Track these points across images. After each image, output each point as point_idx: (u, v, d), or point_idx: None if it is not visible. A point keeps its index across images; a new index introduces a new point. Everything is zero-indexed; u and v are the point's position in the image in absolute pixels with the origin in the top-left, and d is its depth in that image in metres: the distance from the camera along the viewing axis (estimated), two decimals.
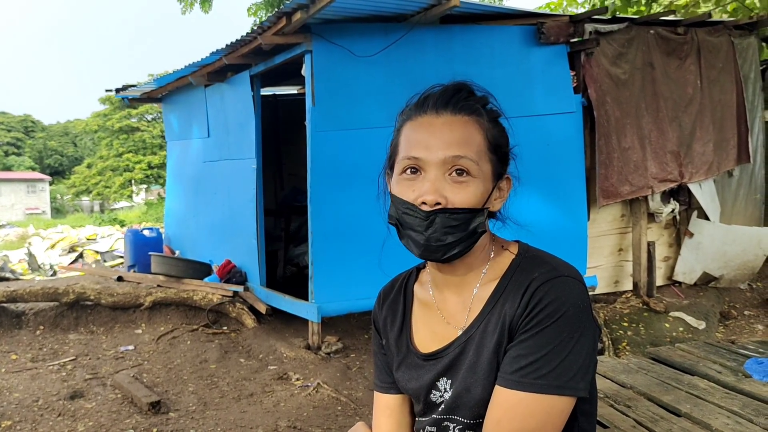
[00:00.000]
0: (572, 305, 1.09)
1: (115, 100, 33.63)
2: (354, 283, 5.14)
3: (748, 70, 7.17)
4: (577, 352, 1.08)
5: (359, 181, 4.91)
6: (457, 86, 1.20)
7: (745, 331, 5.90)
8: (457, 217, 1.11)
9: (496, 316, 1.16)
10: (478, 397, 1.15)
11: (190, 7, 10.67)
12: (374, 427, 1.36)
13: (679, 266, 6.80)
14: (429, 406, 1.25)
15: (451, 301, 1.25)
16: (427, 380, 1.24)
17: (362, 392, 4.54)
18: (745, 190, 7.31)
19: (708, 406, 2.43)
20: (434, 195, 1.10)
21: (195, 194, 7.75)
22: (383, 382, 1.37)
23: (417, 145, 1.14)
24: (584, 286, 1.15)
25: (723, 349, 3.14)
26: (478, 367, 1.16)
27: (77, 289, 6.03)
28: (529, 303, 1.11)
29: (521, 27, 5.60)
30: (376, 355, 1.41)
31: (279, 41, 5.06)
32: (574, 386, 1.08)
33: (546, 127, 5.64)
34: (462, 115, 1.16)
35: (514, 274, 1.18)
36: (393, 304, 1.36)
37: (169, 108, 8.65)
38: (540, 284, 1.12)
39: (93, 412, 4.20)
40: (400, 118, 1.24)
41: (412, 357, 1.29)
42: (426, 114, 1.17)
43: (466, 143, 1.13)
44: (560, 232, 5.62)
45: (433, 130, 1.14)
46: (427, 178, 1.12)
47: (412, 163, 1.14)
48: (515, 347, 1.11)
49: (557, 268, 1.15)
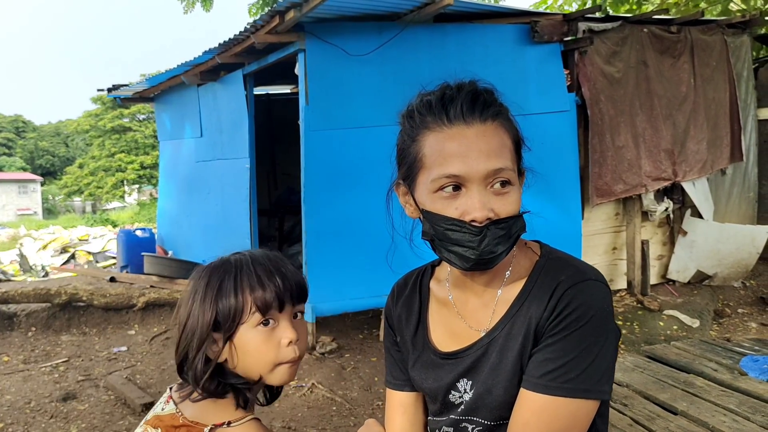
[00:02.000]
0: (599, 309, 1.09)
1: (106, 100, 33.47)
2: (348, 283, 5.12)
3: (741, 68, 7.19)
4: (603, 356, 1.08)
5: (353, 180, 4.90)
6: (474, 88, 1.15)
7: (739, 329, 5.91)
8: (504, 226, 1.10)
9: (521, 319, 1.15)
10: (500, 399, 1.15)
11: (192, 6, 10.60)
12: (387, 425, 1.35)
13: (673, 264, 6.81)
14: (447, 406, 1.24)
15: (473, 302, 1.24)
16: (446, 380, 1.23)
17: (357, 392, 4.52)
18: (738, 189, 7.34)
19: (704, 404, 2.43)
20: (484, 211, 1.08)
21: (188, 194, 7.72)
22: (396, 379, 1.36)
23: (453, 160, 1.09)
24: (609, 289, 1.15)
25: (718, 347, 3.14)
26: (501, 369, 1.15)
27: (69, 290, 5.99)
28: (557, 307, 1.10)
29: (515, 26, 5.59)
30: (388, 351, 1.39)
31: (272, 40, 5.03)
32: (600, 389, 1.08)
33: (540, 125, 5.63)
34: (490, 122, 1.12)
35: (540, 277, 1.17)
36: (408, 300, 1.34)
37: (161, 107, 8.61)
38: (567, 288, 1.11)
39: (86, 413, 4.17)
40: (409, 122, 1.17)
41: (428, 355, 1.28)
42: (453, 124, 1.11)
43: (501, 152, 1.11)
44: (555, 231, 5.62)
45: (467, 142, 1.09)
46: (470, 194, 1.09)
47: (452, 181, 1.09)
48: (542, 351, 1.10)
49: (584, 272, 1.14)
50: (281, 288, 1.18)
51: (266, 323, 1.17)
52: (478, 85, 1.16)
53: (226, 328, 1.17)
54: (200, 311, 1.18)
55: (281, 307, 1.18)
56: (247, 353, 1.17)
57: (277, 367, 1.18)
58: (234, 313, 1.16)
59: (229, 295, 1.17)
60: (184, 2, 10.51)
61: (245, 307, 1.16)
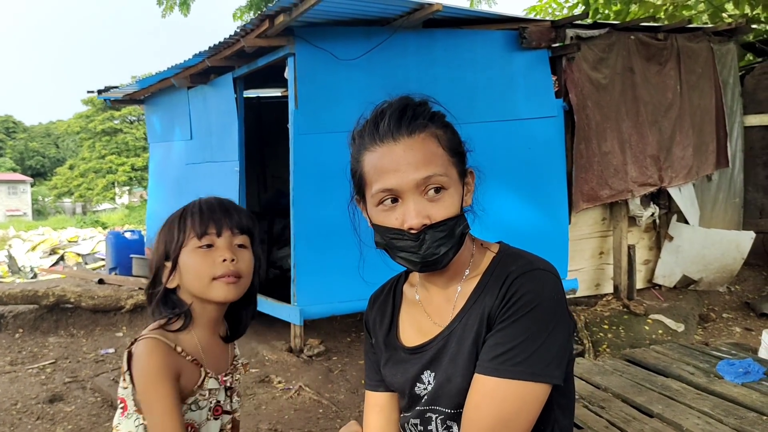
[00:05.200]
0: (547, 297, 1.15)
1: (97, 102, 33.35)
2: (336, 286, 5.15)
3: (727, 75, 7.27)
4: (552, 341, 1.13)
5: (342, 183, 4.85)
6: (401, 105, 1.22)
7: (723, 334, 5.97)
8: (443, 228, 1.16)
9: (477, 310, 1.21)
10: (459, 387, 1.20)
11: (170, 9, 10.69)
12: (365, 424, 1.41)
13: (659, 269, 6.87)
14: (413, 400, 1.30)
15: (437, 299, 1.30)
16: (412, 373, 1.29)
17: (344, 395, 4.55)
18: (724, 194, 7.41)
19: (679, 407, 2.47)
20: (419, 218, 1.15)
21: (177, 196, 7.71)
22: (372, 380, 1.42)
23: (386, 175, 1.17)
24: (559, 279, 1.21)
25: (696, 351, 3.19)
26: (459, 357, 1.21)
27: (57, 291, 5.98)
28: (506, 294, 1.16)
29: (503, 32, 5.64)
30: (366, 354, 1.46)
31: (262, 44, 5.06)
32: (549, 374, 1.12)
33: (528, 131, 5.68)
34: (417, 133, 1.19)
35: (495, 270, 1.23)
36: (383, 305, 1.42)
37: (151, 110, 8.61)
38: (516, 277, 1.17)
39: (72, 415, 4.18)
40: (354, 144, 1.27)
41: (398, 353, 1.34)
42: (383, 142, 1.19)
43: (430, 161, 1.17)
44: (541, 235, 5.67)
45: (395, 157, 1.17)
46: (406, 204, 1.17)
47: (387, 195, 1.18)
48: (493, 336, 1.16)
49: (533, 263, 1.21)
50: (220, 217, 1.40)
51: (206, 247, 1.38)
52: (409, 99, 1.24)
53: (173, 254, 1.40)
54: (155, 248, 1.44)
55: (219, 232, 1.39)
56: (188, 271, 1.38)
57: (214, 282, 1.37)
58: (176, 240, 1.40)
59: (173, 228, 1.41)
60: (162, 6, 10.59)
61: (186, 233, 1.39)
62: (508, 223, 5.28)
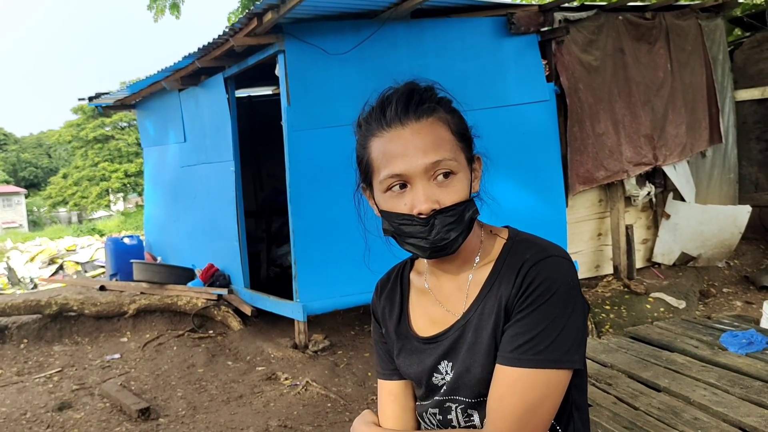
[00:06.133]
0: (563, 283, 1.16)
1: (88, 110, 33.25)
2: (338, 280, 5.16)
3: (717, 51, 7.29)
4: (571, 327, 1.14)
5: (338, 178, 4.91)
6: (408, 89, 1.22)
7: (724, 308, 6.01)
8: (452, 213, 1.17)
9: (492, 299, 1.21)
10: (478, 377, 1.21)
11: (161, 13, 10.64)
12: (380, 413, 1.41)
13: (658, 248, 6.91)
14: (431, 389, 1.30)
15: (448, 288, 1.30)
16: (428, 364, 1.29)
17: (351, 388, 4.57)
18: (718, 170, 7.44)
19: (686, 380, 2.49)
20: (428, 203, 1.15)
21: (174, 199, 7.72)
22: (385, 369, 1.42)
23: (394, 161, 1.17)
24: (572, 264, 1.21)
25: (699, 325, 3.21)
26: (477, 347, 1.21)
27: (59, 300, 5.98)
28: (523, 283, 1.16)
29: (492, 18, 5.64)
30: (377, 344, 1.45)
31: (251, 42, 5.05)
32: (570, 359, 1.14)
33: (521, 116, 5.69)
34: (425, 118, 1.19)
35: (507, 258, 1.23)
36: (390, 293, 1.41)
37: (143, 114, 8.59)
38: (532, 265, 1.17)
39: (82, 422, 4.19)
40: (360, 131, 1.27)
41: (412, 342, 1.34)
42: (391, 127, 1.19)
43: (439, 145, 1.18)
44: (539, 219, 5.68)
45: (404, 142, 1.17)
46: (415, 189, 1.17)
47: (396, 180, 1.18)
48: (512, 326, 1.16)
49: (547, 249, 1.21)
50: None
51: None
52: (415, 84, 1.24)
53: None
54: None
55: None
56: None
57: None
58: None
59: None
60: (153, 10, 10.55)
61: None
62: (506, 209, 5.24)
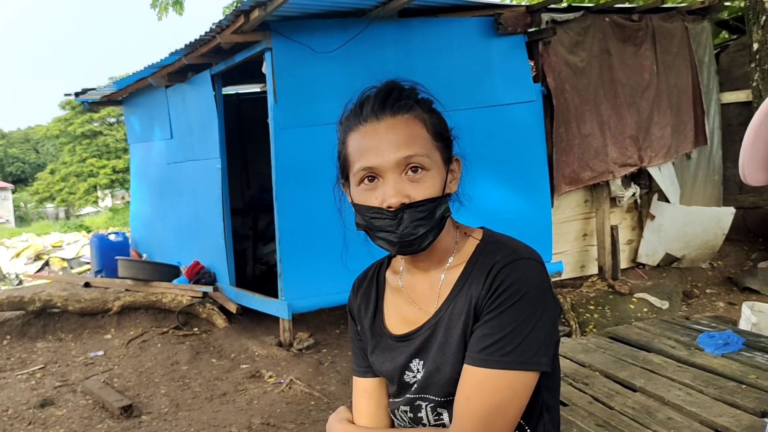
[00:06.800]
0: (533, 285, 1.16)
1: (76, 105, 32.96)
2: (323, 279, 5.16)
3: (703, 54, 7.33)
4: (539, 330, 1.14)
5: (324, 176, 4.85)
6: (387, 87, 1.24)
7: (707, 309, 6.06)
8: (422, 209, 1.17)
9: (463, 299, 1.22)
10: (448, 376, 1.21)
11: (165, 10, 10.48)
12: (354, 410, 1.42)
13: (642, 248, 6.95)
14: (403, 387, 1.31)
15: (421, 287, 1.31)
16: (400, 361, 1.30)
17: (335, 386, 4.58)
18: (703, 172, 7.49)
19: (661, 380, 2.52)
20: (397, 197, 1.16)
21: (160, 196, 7.69)
22: (360, 366, 1.43)
23: (367, 154, 1.19)
24: (544, 267, 1.22)
25: (678, 326, 3.25)
26: (447, 347, 1.22)
27: (43, 296, 5.95)
28: (492, 284, 1.17)
29: (479, 18, 5.66)
30: (353, 341, 1.47)
31: (238, 40, 5.04)
32: (537, 361, 1.14)
33: (507, 116, 5.72)
34: (401, 114, 1.21)
35: (479, 258, 1.24)
36: (367, 291, 1.42)
37: (130, 110, 8.55)
38: (502, 266, 1.18)
39: (64, 419, 4.17)
40: (340, 128, 1.28)
41: (385, 340, 1.35)
42: (367, 122, 1.21)
43: (413, 141, 1.19)
44: (525, 220, 5.72)
45: (378, 136, 1.19)
46: (386, 183, 1.18)
47: (368, 173, 1.20)
48: (481, 327, 1.17)
49: (518, 251, 1.21)
50: None
51: None
52: (396, 83, 1.26)
53: None
54: None
55: None
56: None
57: None
58: None
59: None
60: (157, 8, 10.41)
61: None
62: (491, 209, 5.31)
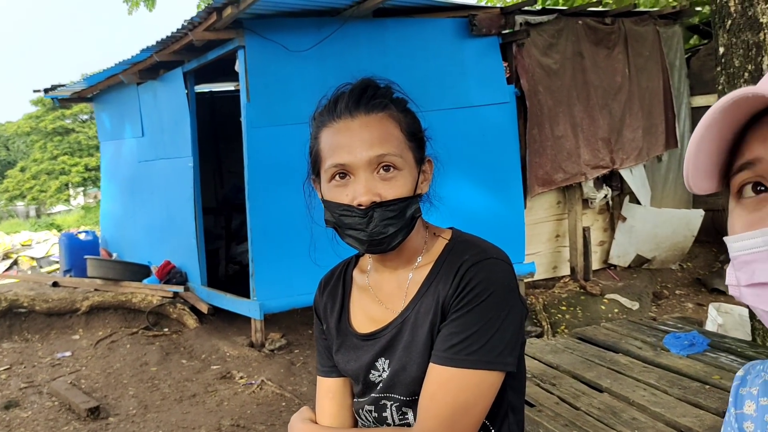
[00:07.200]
0: (500, 286, 1.16)
1: (47, 101, 32.39)
2: (295, 279, 5.13)
3: (674, 57, 7.44)
4: (505, 329, 1.14)
5: (296, 176, 4.80)
6: (363, 85, 1.23)
7: (676, 310, 6.15)
8: (393, 208, 1.17)
9: (430, 298, 1.21)
10: (414, 375, 1.20)
11: (136, 5, 10.36)
12: (317, 410, 1.40)
13: (614, 250, 7.03)
14: (368, 386, 1.30)
15: (388, 286, 1.30)
16: (365, 360, 1.29)
17: (306, 387, 4.55)
18: (673, 174, 7.60)
19: (627, 380, 2.55)
20: (368, 195, 1.15)
21: (131, 195, 7.58)
22: (324, 366, 1.41)
23: (340, 151, 1.18)
24: (511, 268, 1.22)
25: (645, 327, 3.28)
26: (414, 346, 1.21)
27: (9, 296, 5.83)
28: (460, 284, 1.16)
29: (453, 19, 5.68)
30: (317, 340, 1.45)
31: (210, 37, 4.99)
32: (502, 361, 1.14)
33: (481, 117, 5.74)
34: (375, 113, 1.20)
35: (447, 258, 1.23)
36: (333, 290, 1.41)
37: (101, 107, 8.42)
38: (470, 266, 1.17)
39: (29, 421, 4.09)
40: (314, 123, 1.27)
41: (351, 339, 1.33)
42: (341, 118, 1.20)
43: (385, 140, 1.18)
44: (498, 221, 5.74)
45: (351, 133, 1.18)
46: (357, 180, 1.17)
47: (339, 170, 1.18)
48: (447, 326, 1.16)
49: (486, 251, 1.21)
50: None
51: None
52: (371, 81, 1.24)
53: None
54: None
55: None
56: None
57: None
58: None
59: None
60: (129, 2, 10.27)
61: None
62: (464, 209, 5.33)
